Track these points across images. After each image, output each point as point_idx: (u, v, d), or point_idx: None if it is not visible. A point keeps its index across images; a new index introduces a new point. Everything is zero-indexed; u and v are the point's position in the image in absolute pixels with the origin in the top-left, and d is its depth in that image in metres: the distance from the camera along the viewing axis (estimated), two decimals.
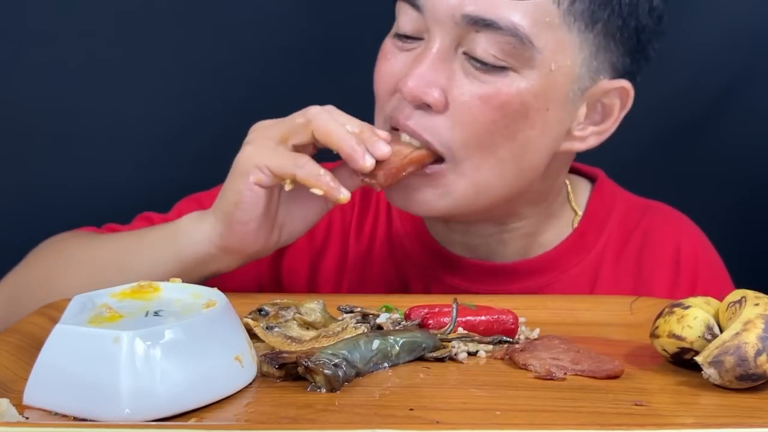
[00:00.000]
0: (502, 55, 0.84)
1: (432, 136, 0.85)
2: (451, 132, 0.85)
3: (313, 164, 0.80)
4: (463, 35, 0.84)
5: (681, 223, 1.03)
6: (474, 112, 0.85)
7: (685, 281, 0.98)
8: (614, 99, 0.90)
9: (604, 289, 0.96)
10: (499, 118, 0.85)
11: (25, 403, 0.61)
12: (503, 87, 0.84)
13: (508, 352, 0.71)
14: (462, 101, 0.85)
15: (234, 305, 0.67)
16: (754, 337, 0.64)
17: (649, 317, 0.74)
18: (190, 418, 0.59)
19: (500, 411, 0.60)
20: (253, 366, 0.65)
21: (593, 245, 0.98)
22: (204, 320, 0.63)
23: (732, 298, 0.69)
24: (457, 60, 0.85)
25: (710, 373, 0.64)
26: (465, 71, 0.85)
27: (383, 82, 0.90)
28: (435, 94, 0.84)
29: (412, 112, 0.86)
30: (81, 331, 0.60)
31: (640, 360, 0.71)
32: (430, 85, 0.84)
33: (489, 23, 0.83)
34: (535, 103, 0.85)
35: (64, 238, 0.96)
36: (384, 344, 0.68)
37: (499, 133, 0.85)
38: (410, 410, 0.59)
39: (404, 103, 0.86)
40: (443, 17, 0.84)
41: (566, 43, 0.85)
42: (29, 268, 0.94)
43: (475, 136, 0.85)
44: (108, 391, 0.58)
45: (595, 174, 1.03)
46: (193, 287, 0.69)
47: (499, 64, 0.84)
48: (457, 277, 0.96)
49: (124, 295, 0.67)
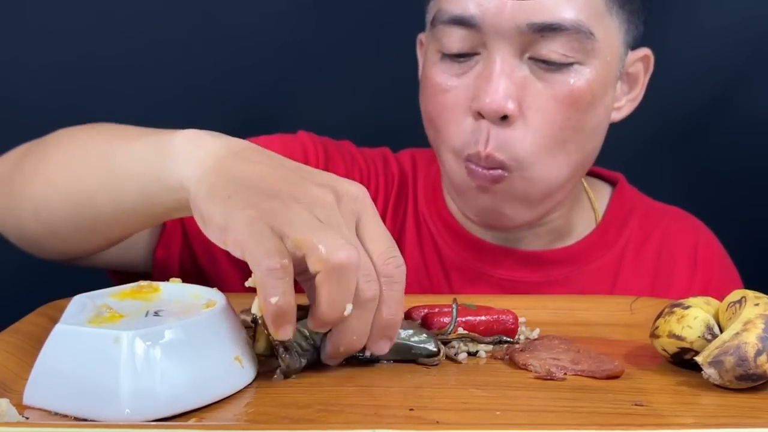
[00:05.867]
0: (569, 52, 0.86)
1: (505, 152, 0.87)
2: (524, 141, 0.87)
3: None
4: (528, 42, 0.86)
5: (698, 228, 1.07)
6: (549, 112, 0.87)
7: (700, 282, 1.01)
8: (639, 66, 0.97)
9: (624, 285, 1.00)
10: (572, 114, 0.88)
11: (25, 403, 0.61)
12: (574, 82, 0.87)
13: (508, 352, 0.71)
14: (537, 105, 0.87)
15: (234, 305, 0.67)
16: (754, 337, 0.64)
17: (649, 317, 0.74)
18: (190, 418, 0.59)
19: (500, 411, 0.60)
20: (253, 366, 0.65)
21: (615, 242, 1.02)
22: (204, 320, 0.63)
23: (732, 298, 0.69)
24: (524, 66, 0.87)
25: (710, 373, 0.64)
26: (535, 75, 0.87)
27: (449, 112, 0.90)
28: (512, 104, 0.86)
29: (489, 133, 0.87)
30: (81, 331, 0.60)
31: (640, 360, 0.71)
32: (506, 97, 0.86)
33: (555, 26, 0.85)
34: (600, 91, 0.89)
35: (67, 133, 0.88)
36: None
37: (571, 128, 0.88)
38: (410, 410, 0.59)
39: (481, 127, 0.88)
40: (506, 30, 0.86)
41: (611, 27, 0.90)
42: (48, 137, 0.89)
43: (549, 137, 0.88)
44: (108, 391, 0.58)
45: (616, 178, 1.07)
46: (193, 287, 0.69)
47: (567, 61, 0.87)
48: (486, 263, 0.99)
49: (124, 295, 0.67)
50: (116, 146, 0.78)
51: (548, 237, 1.00)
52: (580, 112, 0.88)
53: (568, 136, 0.89)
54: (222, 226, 0.63)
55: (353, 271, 0.61)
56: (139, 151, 0.74)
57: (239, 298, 0.72)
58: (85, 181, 0.79)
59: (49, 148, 0.86)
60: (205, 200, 0.65)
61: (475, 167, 0.89)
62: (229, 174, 0.66)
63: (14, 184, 0.87)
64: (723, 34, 1.26)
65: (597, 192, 1.06)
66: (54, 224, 0.83)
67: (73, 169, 0.81)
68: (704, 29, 1.26)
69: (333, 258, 0.60)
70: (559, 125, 0.88)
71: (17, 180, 0.87)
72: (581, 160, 0.92)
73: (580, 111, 0.88)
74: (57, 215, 0.82)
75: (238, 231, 0.61)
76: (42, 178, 0.83)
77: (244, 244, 0.61)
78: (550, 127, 0.87)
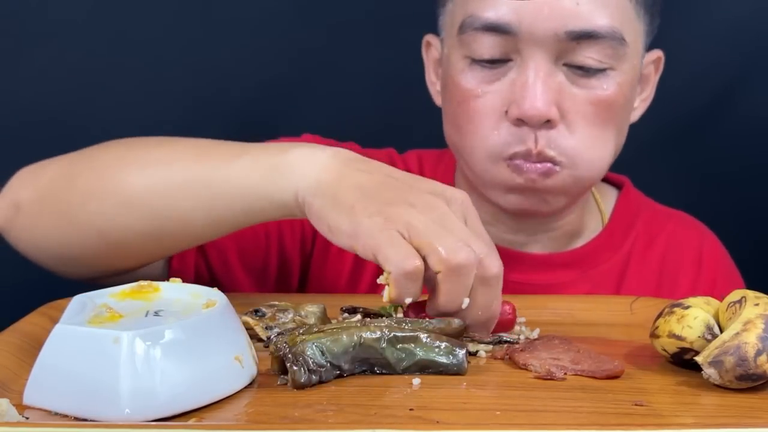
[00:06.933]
0: (604, 58, 0.88)
1: (555, 150, 0.89)
2: (571, 139, 0.89)
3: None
4: (564, 49, 0.87)
5: (703, 232, 1.08)
6: (588, 116, 0.89)
7: (705, 286, 1.02)
8: (650, 67, 0.99)
9: (629, 288, 1.00)
10: (608, 116, 0.90)
11: (25, 403, 0.61)
12: (608, 87, 0.89)
13: (508, 352, 0.71)
14: (576, 110, 0.89)
15: (234, 305, 0.67)
16: (754, 337, 0.64)
17: (649, 317, 0.74)
18: (190, 418, 0.59)
19: (500, 411, 0.60)
20: (253, 366, 0.65)
21: (621, 245, 1.03)
22: (204, 320, 0.63)
23: (732, 298, 0.69)
24: (559, 72, 0.88)
25: (710, 373, 0.64)
26: (570, 81, 0.89)
27: (483, 117, 0.90)
28: (554, 109, 0.87)
29: (537, 134, 0.88)
30: (81, 331, 0.60)
31: (640, 360, 0.71)
32: (547, 103, 0.87)
33: (591, 34, 0.86)
34: (629, 93, 0.92)
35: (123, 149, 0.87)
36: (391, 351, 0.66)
37: (608, 128, 0.91)
38: (410, 410, 0.59)
39: (524, 131, 0.88)
40: (543, 38, 0.87)
41: (639, 31, 0.92)
42: (95, 152, 0.87)
43: (591, 137, 0.90)
44: (108, 391, 0.58)
45: (622, 181, 1.08)
46: (193, 287, 0.68)
47: (602, 67, 0.88)
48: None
49: (124, 295, 0.67)
50: (210, 167, 0.79)
51: (561, 240, 1.01)
52: (615, 114, 0.90)
53: (607, 135, 0.91)
54: (351, 234, 0.70)
55: (471, 270, 0.69)
56: (244, 170, 0.77)
57: (240, 298, 0.72)
58: (177, 203, 0.80)
59: (109, 166, 0.84)
60: (331, 211, 0.72)
61: (524, 163, 0.90)
62: (346, 185, 0.73)
63: (70, 203, 0.84)
64: (723, 35, 1.26)
65: (603, 195, 1.06)
66: (123, 243, 0.83)
67: (157, 191, 0.80)
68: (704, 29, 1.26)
69: (453, 259, 0.68)
70: (599, 127, 0.90)
71: (74, 198, 0.84)
72: (612, 157, 0.94)
73: (615, 113, 0.90)
74: (129, 233, 0.82)
75: (369, 237, 0.69)
76: (114, 198, 0.82)
77: (376, 249, 0.68)
78: (591, 129, 0.89)
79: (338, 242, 0.72)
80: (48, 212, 0.86)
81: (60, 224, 0.85)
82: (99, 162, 0.85)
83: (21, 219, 0.87)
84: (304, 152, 0.76)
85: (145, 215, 0.81)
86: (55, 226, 0.85)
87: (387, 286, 0.69)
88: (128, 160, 0.84)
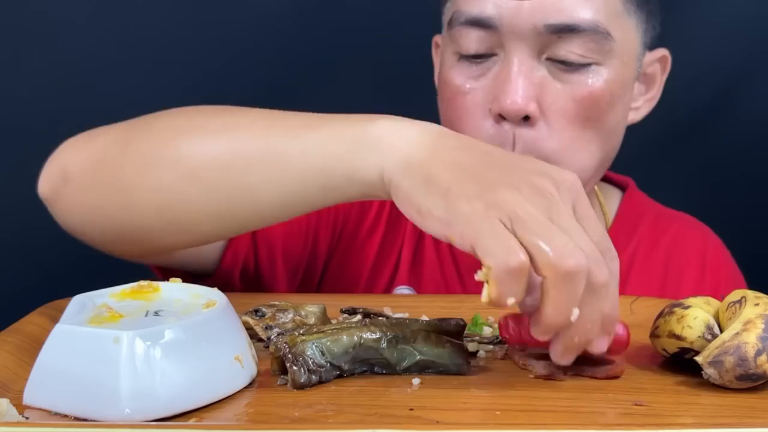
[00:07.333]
0: (587, 52, 0.86)
1: (532, 152, 0.86)
2: (549, 140, 0.87)
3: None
4: (546, 43, 0.86)
5: (707, 234, 1.08)
6: (570, 112, 0.87)
7: (708, 289, 1.01)
8: (656, 66, 0.97)
9: (633, 290, 0.99)
10: (592, 113, 0.88)
11: (25, 403, 0.61)
12: (593, 83, 0.87)
13: (508, 352, 0.71)
14: (557, 106, 0.87)
15: (234, 305, 0.67)
16: (754, 337, 0.64)
17: (649, 317, 0.74)
18: (190, 418, 0.59)
19: (500, 411, 0.60)
20: (253, 366, 0.65)
21: (624, 247, 1.02)
22: (204, 320, 0.63)
23: (732, 298, 0.69)
24: (542, 67, 0.87)
25: (710, 373, 0.64)
26: (553, 76, 0.87)
27: (469, 115, 0.89)
28: (533, 105, 0.86)
29: (515, 135, 0.87)
30: (81, 331, 0.60)
31: (640, 360, 0.71)
32: (526, 98, 0.86)
33: (572, 28, 0.85)
34: (618, 91, 0.89)
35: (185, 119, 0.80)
36: (390, 351, 0.66)
37: (592, 127, 0.88)
38: (410, 410, 0.59)
39: (505, 129, 0.87)
40: (524, 31, 0.86)
41: (629, 27, 0.90)
42: (152, 120, 0.81)
43: (572, 137, 0.88)
44: (108, 391, 0.58)
45: (626, 182, 1.08)
46: (193, 287, 0.69)
47: (585, 61, 0.87)
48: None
49: (124, 295, 0.67)
50: (283, 138, 0.71)
51: None
52: (600, 111, 0.88)
53: (590, 136, 0.89)
54: (445, 221, 0.62)
55: (582, 277, 0.59)
56: (322, 143, 0.69)
57: (239, 298, 0.72)
58: (244, 177, 0.72)
59: (169, 136, 0.77)
60: (422, 194, 0.63)
61: None
62: (441, 164, 0.64)
63: (125, 174, 0.78)
64: (723, 34, 1.26)
65: (607, 196, 1.05)
66: (181, 219, 0.76)
67: (222, 162, 0.73)
68: (704, 29, 1.26)
69: (562, 265, 0.59)
70: (580, 125, 0.88)
71: (129, 169, 0.77)
72: (602, 159, 0.92)
73: (600, 111, 0.88)
74: (190, 208, 0.75)
75: (467, 226, 0.60)
76: (174, 169, 0.75)
77: (475, 240, 0.60)
78: (572, 126, 0.87)
79: (430, 229, 0.63)
80: (100, 184, 0.79)
81: (113, 197, 0.78)
82: (157, 130, 0.78)
83: (70, 190, 0.81)
84: (391, 125, 0.67)
85: (207, 189, 0.74)
86: (107, 200, 0.79)
87: (486, 283, 0.60)
88: (189, 128, 0.76)
